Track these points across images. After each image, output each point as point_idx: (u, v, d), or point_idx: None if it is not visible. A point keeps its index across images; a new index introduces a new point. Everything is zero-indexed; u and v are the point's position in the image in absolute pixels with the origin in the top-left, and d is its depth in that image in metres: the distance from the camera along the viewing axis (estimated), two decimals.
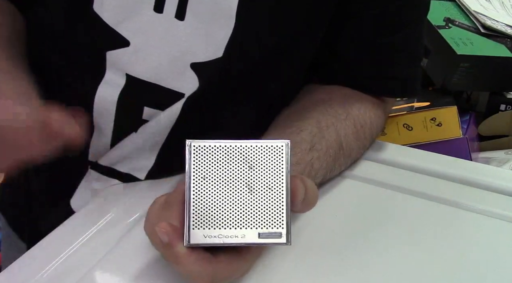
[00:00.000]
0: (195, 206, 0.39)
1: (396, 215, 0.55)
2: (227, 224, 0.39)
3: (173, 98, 0.54)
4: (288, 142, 0.40)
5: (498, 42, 0.89)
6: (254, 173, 0.40)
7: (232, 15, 0.51)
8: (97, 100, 0.55)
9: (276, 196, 0.39)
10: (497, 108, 0.93)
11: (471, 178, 0.59)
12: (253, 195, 0.39)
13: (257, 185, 0.40)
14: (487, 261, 0.49)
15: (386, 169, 0.62)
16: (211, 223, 0.39)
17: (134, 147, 0.57)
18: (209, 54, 0.53)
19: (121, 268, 0.47)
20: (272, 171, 0.40)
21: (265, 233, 0.39)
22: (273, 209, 0.39)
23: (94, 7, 0.52)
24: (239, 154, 0.40)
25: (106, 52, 0.53)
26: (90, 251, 0.49)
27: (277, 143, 0.40)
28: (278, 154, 0.40)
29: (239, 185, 0.39)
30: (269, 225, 0.39)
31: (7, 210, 0.74)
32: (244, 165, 0.40)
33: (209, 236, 0.39)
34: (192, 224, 0.39)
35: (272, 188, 0.40)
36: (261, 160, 0.40)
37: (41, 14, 0.58)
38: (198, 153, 0.40)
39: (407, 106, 0.81)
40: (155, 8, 0.51)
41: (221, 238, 0.39)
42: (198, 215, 0.39)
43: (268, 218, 0.39)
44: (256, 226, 0.39)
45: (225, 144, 0.40)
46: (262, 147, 0.40)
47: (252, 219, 0.39)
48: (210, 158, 0.40)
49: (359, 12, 0.57)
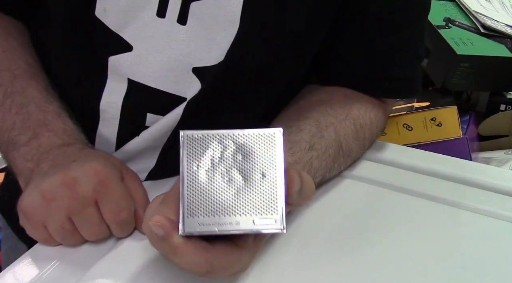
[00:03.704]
0: (189, 195, 0.39)
1: (396, 215, 0.55)
2: (222, 212, 0.39)
3: (175, 102, 0.54)
4: (281, 129, 0.40)
5: (498, 42, 0.89)
6: (248, 160, 0.40)
7: (236, 20, 0.51)
8: (102, 108, 0.56)
9: (270, 183, 0.39)
10: (497, 108, 0.93)
11: (471, 178, 0.59)
12: (247, 182, 0.39)
13: (251, 172, 0.39)
14: (487, 261, 0.49)
15: (386, 169, 0.62)
16: (205, 211, 0.39)
17: (135, 150, 0.57)
18: (211, 58, 0.53)
19: (121, 268, 0.47)
20: (266, 158, 0.40)
21: (259, 219, 0.39)
22: (267, 196, 0.39)
23: (96, 13, 0.52)
24: (232, 142, 0.40)
25: (109, 57, 0.53)
26: (90, 251, 0.49)
27: (270, 131, 0.40)
28: (271, 142, 0.40)
29: (233, 173, 0.39)
30: (263, 212, 0.39)
31: (7, 211, 0.74)
32: (237, 153, 0.40)
33: (204, 224, 0.39)
34: (187, 212, 0.39)
35: (266, 175, 0.39)
36: (254, 148, 0.40)
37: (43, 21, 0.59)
38: (191, 143, 0.40)
39: (407, 106, 0.81)
40: (158, 13, 0.52)
41: (215, 226, 0.39)
42: (192, 204, 0.39)
43: (262, 205, 0.39)
44: (251, 213, 0.39)
45: (218, 133, 0.40)
46: (255, 135, 0.40)
47: (246, 206, 0.39)
48: (203, 147, 0.40)
49: (359, 12, 0.57)
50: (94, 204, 0.47)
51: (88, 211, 0.46)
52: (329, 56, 0.61)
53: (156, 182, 0.58)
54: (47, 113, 0.54)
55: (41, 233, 0.48)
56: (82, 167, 0.47)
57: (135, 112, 0.56)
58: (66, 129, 0.54)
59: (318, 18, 0.55)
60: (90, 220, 0.47)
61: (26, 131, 0.52)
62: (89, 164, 0.47)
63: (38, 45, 0.61)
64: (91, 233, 0.48)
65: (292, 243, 0.50)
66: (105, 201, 0.47)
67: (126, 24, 0.52)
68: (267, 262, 0.47)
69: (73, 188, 0.46)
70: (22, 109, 0.54)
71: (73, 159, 0.49)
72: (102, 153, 0.53)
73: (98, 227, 0.48)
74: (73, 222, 0.47)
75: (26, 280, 0.45)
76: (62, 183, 0.46)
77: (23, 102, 0.54)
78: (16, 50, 0.58)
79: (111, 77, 0.55)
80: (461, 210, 0.55)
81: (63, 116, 0.55)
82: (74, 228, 0.47)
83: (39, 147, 0.51)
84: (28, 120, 0.53)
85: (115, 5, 0.51)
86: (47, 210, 0.46)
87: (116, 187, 0.47)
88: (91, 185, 0.46)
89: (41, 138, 0.52)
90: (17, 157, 0.52)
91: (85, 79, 0.57)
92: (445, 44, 0.84)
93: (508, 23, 0.95)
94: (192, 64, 0.53)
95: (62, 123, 0.54)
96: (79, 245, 0.49)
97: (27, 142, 0.52)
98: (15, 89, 0.55)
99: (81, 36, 0.54)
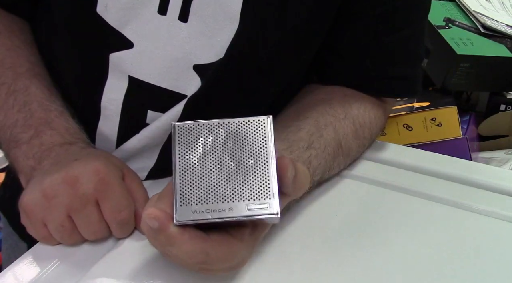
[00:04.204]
0: (181, 184, 0.39)
1: (396, 215, 0.55)
2: (215, 198, 0.39)
3: (176, 100, 0.55)
4: (270, 116, 0.41)
5: (498, 42, 0.89)
6: (239, 147, 0.40)
7: (236, 17, 0.51)
8: (103, 105, 0.56)
9: (262, 169, 0.40)
10: (497, 108, 0.93)
11: (471, 178, 0.59)
12: (239, 169, 0.40)
13: (242, 159, 0.40)
14: (487, 261, 0.49)
15: (386, 169, 0.62)
16: (198, 199, 0.39)
17: (136, 148, 0.57)
18: (211, 55, 0.53)
19: (121, 268, 0.47)
20: (257, 145, 0.40)
21: (253, 205, 0.39)
22: (259, 181, 0.39)
23: (98, 10, 0.52)
24: (223, 131, 0.40)
25: (110, 54, 0.53)
26: (90, 251, 0.49)
27: (259, 118, 0.41)
28: (261, 128, 0.40)
29: (225, 160, 0.40)
30: (256, 197, 0.39)
31: (8, 210, 0.74)
32: (228, 141, 0.40)
33: (197, 211, 0.39)
34: (180, 201, 0.39)
35: (258, 160, 0.40)
36: (245, 135, 0.40)
37: (45, 19, 0.59)
38: (183, 133, 0.40)
39: (407, 106, 0.81)
40: (159, 10, 0.52)
41: (209, 213, 0.39)
42: (185, 192, 0.39)
43: (255, 190, 0.39)
44: (243, 199, 0.39)
45: (209, 122, 0.40)
46: (245, 122, 0.41)
47: (239, 191, 0.39)
48: (195, 136, 0.40)
49: (360, 12, 0.57)
50: (94, 203, 0.47)
51: (89, 210, 0.46)
52: (329, 55, 0.61)
53: (156, 181, 0.58)
54: (50, 112, 0.54)
55: (41, 231, 0.48)
56: (83, 166, 0.47)
57: (136, 109, 0.56)
58: (68, 127, 0.54)
59: (318, 16, 0.55)
60: (90, 219, 0.47)
61: (28, 129, 0.53)
62: (90, 163, 0.47)
63: (40, 42, 0.61)
64: (91, 232, 0.48)
65: (291, 242, 0.50)
66: (106, 200, 0.47)
67: (127, 21, 0.52)
68: (266, 261, 0.47)
69: (74, 186, 0.46)
70: (25, 107, 0.54)
71: (75, 158, 0.49)
72: (104, 152, 0.53)
73: (98, 226, 0.48)
74: (73, 220, 0.47)
75: (26, 280, 0.45)
76: (63, 181, 0.46)
77: (26, 100, 0.54)
78: (19, 49, 0.58)
79: (112, 74, 0.55)
80: (461, 210, 0.55)
81: (65, 115, 0.55)
82: (74, 226, 0.47)
83: (41, 145, 0.51)
84: (30, 118, 0.53)
85: (116, 2, 0.51)
86: (47, 208, 0.46)
87: (117, 187, 0.47)
88: (92, 184, 0.46)
89: (43, 136, 0.52)
90: (18, 154, 0.52)
91: (86, 76, 0.57)
92: (445, 44, 0.84)
93: (508, 23, 0.95)
94: (193, 61, 0.53)
95: (65, 121, 0.54)
96: (78, 244, 0.49)
97: (29, 140, 0.52)
98: (17, 87, 0.55)
99: (82, 33, 0.55)
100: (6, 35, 0.58)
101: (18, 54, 0.57)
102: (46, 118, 0.53)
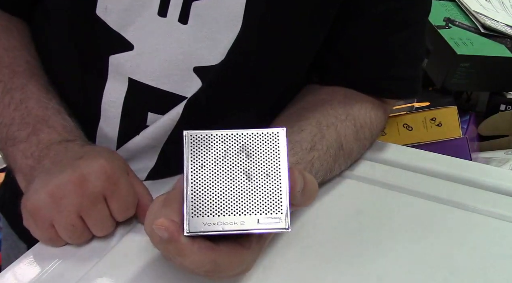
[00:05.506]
0: (193, 195, 0.39)
1: (396, 215, 0.55)
2: (226, 211, 0.39)
3: (176, 102, 0.54)
4: (284, 129, 0.40)
5: (498, 42, 0.89)
6: (252, 160, 0.40)
7: (239, 20, 0.51)
8: (103, 107, 0.56)
9: (274, 182, 0.39)
10: (497, 108, 0.93)
11: (471, 178, 0.60)
12: (251, 181, 0.39)
13: (254, 171, 0.39)
14: (487, 261, 0.49)
15: (386, 169, 0.62)
16: (210, 211, 0.39)
17: (136, 149, 0.57)
18: (212, 58, 0.53)
19: (121, 268, 0.47)
20: (269, 158, 0.40)
21: (264, 218, 0.39)
22: (271, 195, 0.39)
23: (97, 12, 0.52)
24: (236, 142, 0.40)
25: (109, 56, 0.53)
26: (90, 251, 0.49)
27: (273, 130, 0.40)
28: (274, 141, 0.40)
29: (237, 173, 0.39)
30: (268, 211, 0.39)
31: (7, 210, 0.74)
32: (241, 153, 0.40)
33: (209, 223, 0.38)
34: (191, 212, 0.38)
35: (270, 174, 0.39)
36: (258, 147, 0.40)
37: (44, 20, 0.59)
38: (195, 143, 0.40)
39: (407, 106, 0.81)
40: (159, 12, 0.52)
41: (220, 225, 0.38)
42: (196, 203, 0.39)
43: (267, 204, 0.39)
44: (255, 212, 0.39)
45: (222, 133, 0.40)
46: (259, 134, 0.40)
47: (250, 205, 0.39)
48: (207, 147, 0.40)
49: (360, 12, 0.57)
50: (103, 200, 0.47)
51: (98, 208, 0.47)
52: (330, 56, 0.61)
53: (156, 182, 0.58)
54: (47, 110, 0.54)
55: (48, 233, 0.48)
56: (89, 164, 0.47)
57: (136, 111, 0.56)
58: (66, 125, 0.54)
59: (319, 18, 0.55)
60: (100, 217, 0.47)
61: (25, 127, 0.52)
62: (96, 160, 0.47)
63: (39, 44, 0.61)
64: (101, 229, 0.48)
65: (293, 243, 0.50)
66: (114, 198, 0.47)
67: (127, 23, 0.52)
68: (269, 263, 0.47)
69: (82, 185, 0.46)
70: (21, 105, 0.54)
71: (79, 156, 0.49)
72: (105, 148, 0.53)
73: (108, 222, 0.48)
74: (83, 219, 0.47)
75: (26, 280, 0.45)
76: (70, 181, 0.46)
77: (22, 98, 0.54)
78: (17, 49, 0.58)
79: (112, 76, 0.54)
80: (461, 210, 0.55)
81: (62, 113, 0.55)
82: (84, 225, 0.47)
83: (38, 143, 0.51)
84: (27, 116, 0.53)
85: (116, 4, 0.51)
86: (56, 209, 0.46)
87: (124, 184, 0.48)
88: (100, 182, 0.46)
89: (41, 134, 0.52)
90: (16, 153, 0.52)
91: (86, 78, 0.57)
92: (445, 44, 0.84)
93: (508, 23, 0.95)
94: (193, 64, 0.53)
95: (62, 119, 0.54)
96: (85, 243, 0.49)
97: (26, 138, 0.52)
98: (14, 85, 0.55)
99: (82, 35, 0.54)
100: (4, 35, 0.58)
101: (15, 55, 0.57)
102: (43, 116, 0.53)
